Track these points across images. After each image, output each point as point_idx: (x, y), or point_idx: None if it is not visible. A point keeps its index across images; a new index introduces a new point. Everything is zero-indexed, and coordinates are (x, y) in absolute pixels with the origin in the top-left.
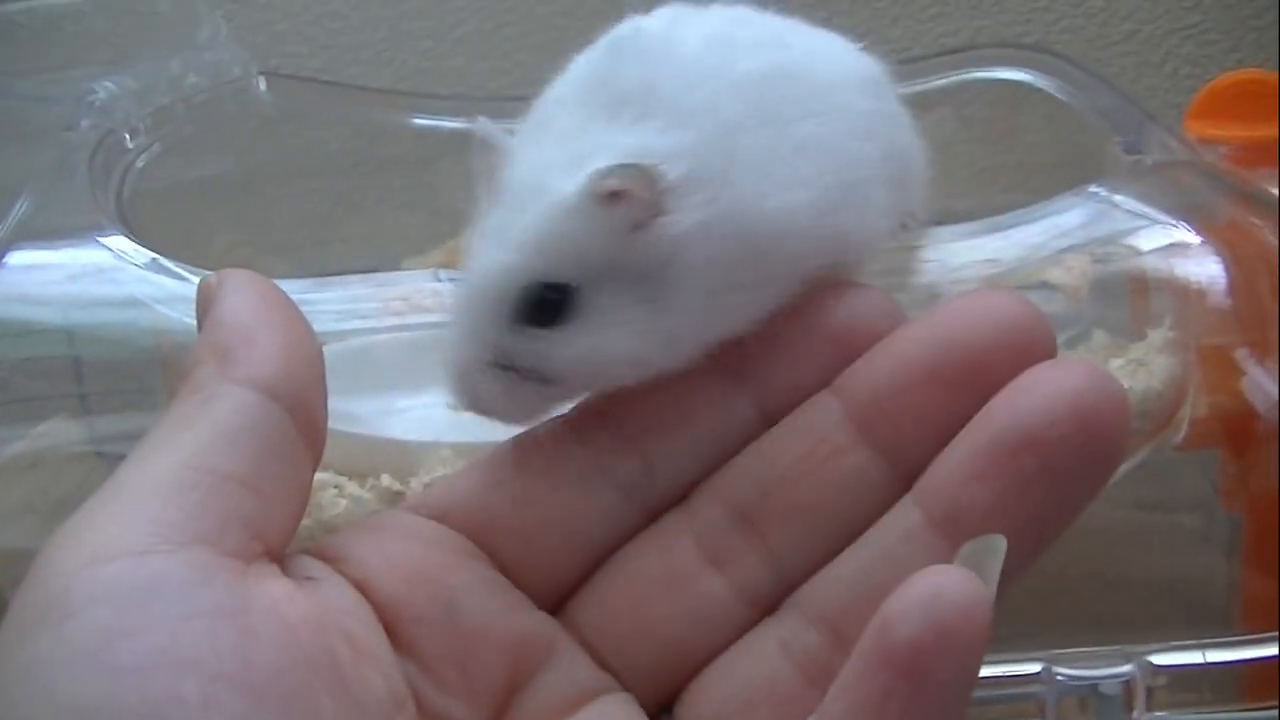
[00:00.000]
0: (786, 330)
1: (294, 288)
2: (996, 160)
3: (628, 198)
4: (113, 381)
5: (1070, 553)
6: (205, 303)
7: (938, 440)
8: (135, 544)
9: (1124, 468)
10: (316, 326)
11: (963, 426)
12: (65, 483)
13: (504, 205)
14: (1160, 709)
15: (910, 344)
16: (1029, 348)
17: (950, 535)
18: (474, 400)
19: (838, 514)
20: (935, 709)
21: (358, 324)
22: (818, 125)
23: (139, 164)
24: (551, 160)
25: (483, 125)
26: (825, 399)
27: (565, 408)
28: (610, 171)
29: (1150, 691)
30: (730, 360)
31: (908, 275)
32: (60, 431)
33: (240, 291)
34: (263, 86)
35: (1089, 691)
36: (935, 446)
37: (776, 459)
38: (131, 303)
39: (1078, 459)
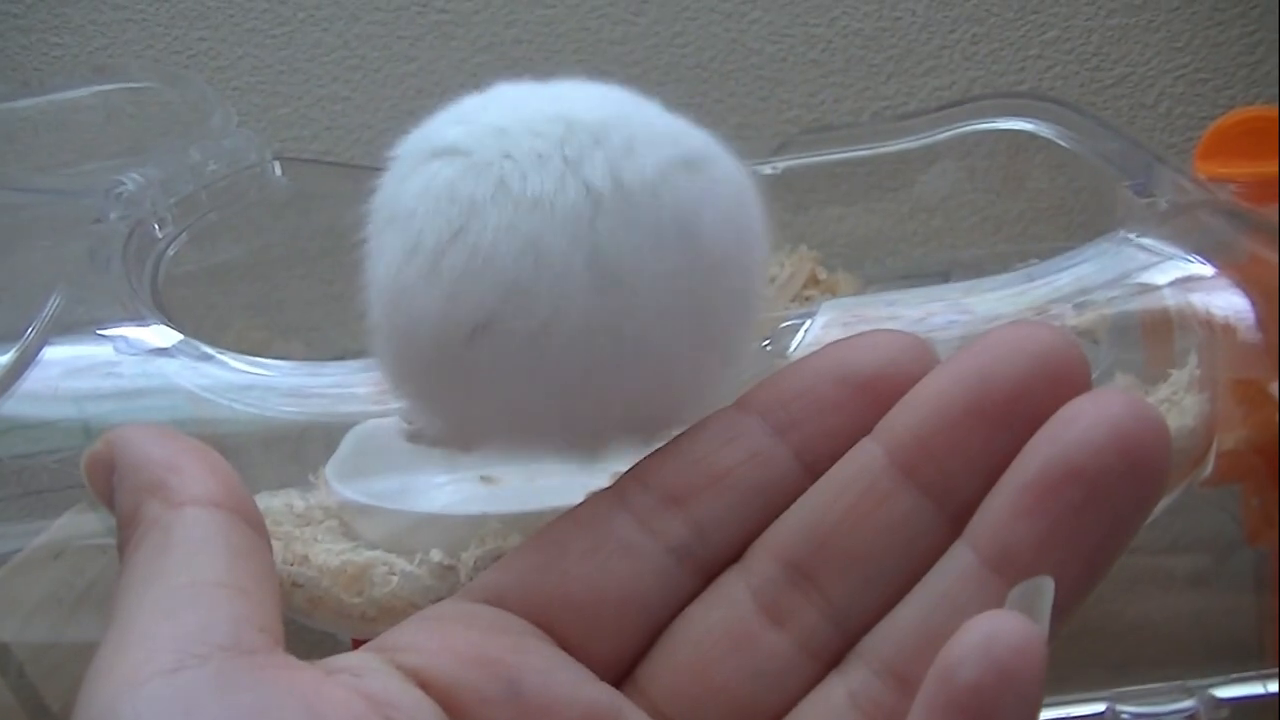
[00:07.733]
0: (819, 380)
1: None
2: (1001, 210)
3: None
4: None
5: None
6: (105, 462)
7: (984, 477)
8: (164, 664)
9: (1161, 504)
10: (345, 407)
11: (1007, 460)
12: (88, 573)
13: None
14: None
15: (947, 383)
16: (1065, 375)
17: (1005, 573)
18: None
19: (892, 561)
20: None
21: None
22: None
23: (170, 252)
24: None
25: None
26: (868, 446)
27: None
28: None
29: None
30: (767, 415)
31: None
32: (81, 523)
33: (140, 436)
34: (278, 170)
35: None
36: (982, 483)
37: (826, 511)
38: (172, 390)
39: (1123, 487)
